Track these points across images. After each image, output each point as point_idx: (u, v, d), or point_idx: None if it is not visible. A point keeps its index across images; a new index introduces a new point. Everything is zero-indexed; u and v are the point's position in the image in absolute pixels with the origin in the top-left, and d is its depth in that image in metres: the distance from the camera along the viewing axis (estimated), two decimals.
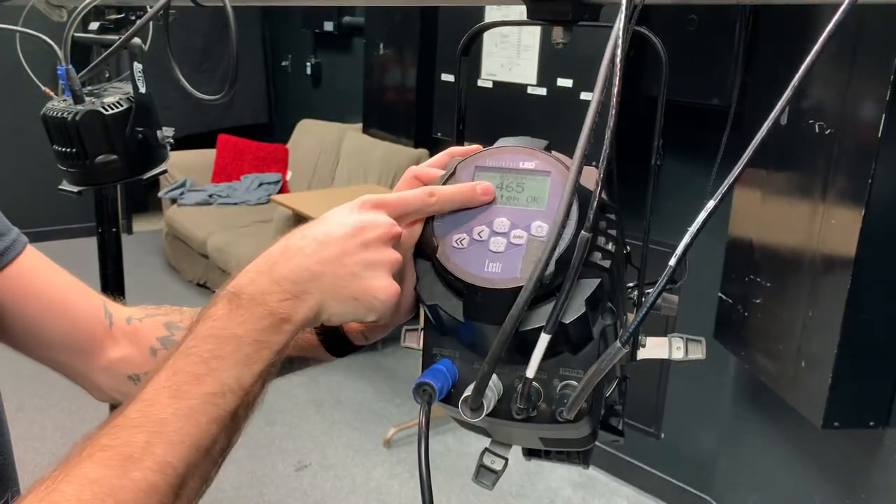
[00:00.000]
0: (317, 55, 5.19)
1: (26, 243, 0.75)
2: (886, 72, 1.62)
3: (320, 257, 0.55)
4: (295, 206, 3.65)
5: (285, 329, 0.54)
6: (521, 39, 2.83)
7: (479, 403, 0.54)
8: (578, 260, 0.49)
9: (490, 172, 0.59)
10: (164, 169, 1.14)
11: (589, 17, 0.67)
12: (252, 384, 0.53)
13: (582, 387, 0.51)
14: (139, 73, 1.05)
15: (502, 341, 0.50)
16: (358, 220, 0.56)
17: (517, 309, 0.49)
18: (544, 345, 0.49)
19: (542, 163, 0.58)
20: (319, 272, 0.54)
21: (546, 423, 0.55)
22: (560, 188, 0.56)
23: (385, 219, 0.57)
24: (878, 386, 1.87)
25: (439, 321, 0.58)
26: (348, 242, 0.55)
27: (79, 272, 0.81)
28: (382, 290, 0.56)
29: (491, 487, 0.72)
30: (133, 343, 0.81)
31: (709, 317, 2.29)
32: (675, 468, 2.77)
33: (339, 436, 3.18)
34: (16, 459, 0.83)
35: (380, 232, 0.56)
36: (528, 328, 0.52)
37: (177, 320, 0.82)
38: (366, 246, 0.55)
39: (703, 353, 0.68)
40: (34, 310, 0.75)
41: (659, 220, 0.98)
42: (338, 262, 0.55)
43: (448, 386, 0.56)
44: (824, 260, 1.83)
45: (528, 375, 0.51)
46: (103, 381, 0.80)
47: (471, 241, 0.56)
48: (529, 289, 0.49)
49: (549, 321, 0.50)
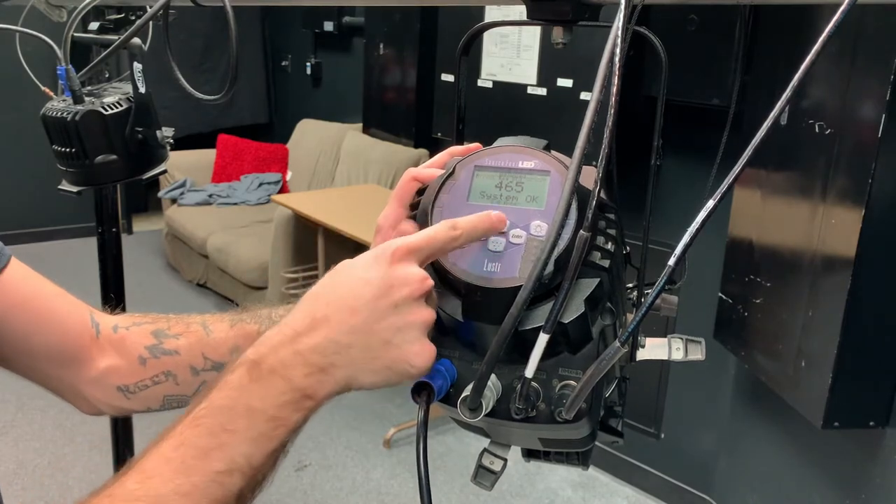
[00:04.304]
0: (317, 55, 5.19)
1: (10, 256, 0.74)
2: (886, 72, 1.62)
3: (349, 326, 0.50)
4: (295, 206, 3.65)
5: (306, 406, 0.50)
6: (521, 39, 2.83)
7: (477, 403, 0.53)
8: (578, 259, 0.49)
9: (489, 172, 0.59)
10: (163, 169, 1.14)
11: (589, 17, 0.68)
12: (263, 464, 0.49)
13: (581, 387, 0.51)
14: (139, 73, 1.05)
15: (501, 341, 0.49)
16: (387, 277, 0.50)
17: (516, 308, 0.49)
18: (543, 344, 0.49)
19: (541, 162, 0.57)
20: (348, 343, 0.50)
21: (545, 424, 0.55)
22: (559, 188, 0.55)
23: (416, 272, 0.52)
24: (878, 386, 1.87)
25: (438, 321, 0.57)
26: (378, 305, 0.50)
27: (79, 272, 0.81)
28: (417, 356, 0.52)
29: (490, 488, 0.72)
30: (120, 353, 0.79)
31: (709, 317, 2.29)
32: (675, 468, 2.77)
33: (339, 436, 3.18)
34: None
35: (411, 289, 0.51)
36: (527, 327, 0.52)
37: (164, 328, 0.81)
38: (397, 307, 0.50)
39: (702, 354, 0.68)
40: (22, 321, 0.74)
41: (659, 220, 0.98)
42: (368, 331, 0.50)
43: (447, 386, 0.56)
44: (824, 260, 1.83)
45: (527, 375, 0.51)
46: (92, 393, 0.79)
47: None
48: (529, 288, 0.49)
49: (548, 321, 0.49)
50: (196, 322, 0.81)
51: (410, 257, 0.52)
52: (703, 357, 0.69)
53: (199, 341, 0.79)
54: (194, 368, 0.79)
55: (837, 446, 2.10)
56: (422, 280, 0.52)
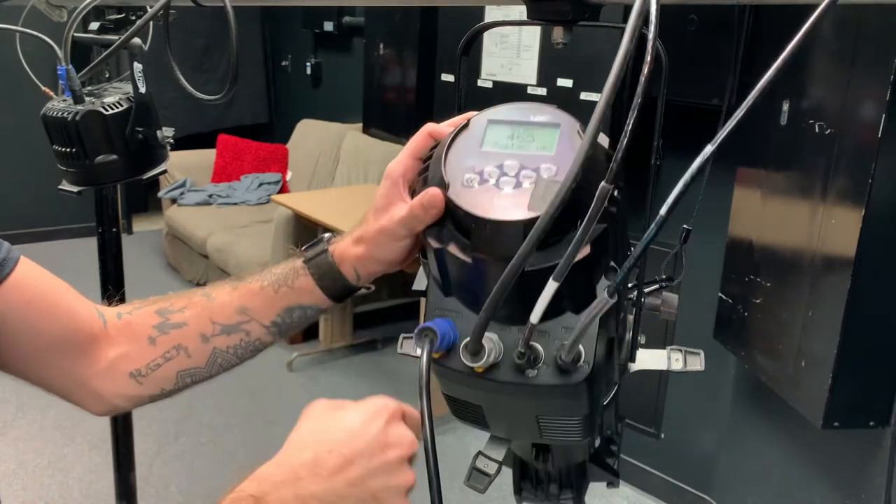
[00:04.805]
0: (317, 55, 5.19)
1: (20, 255, 0.75)
2: (886, 72, 1.62)
3: (345, 480, 0.56)
4: (295, 206, 3.65)
5: None
6: (521, 39, 2.83)
7: (479, 346, 0.54)
8: (597, 210, 0.48)
9: (502, 125, 0.61)
10: (164, 169, 1.14)
11: (589, 17, 0.68)
12: None
13: (578, 330, 0.52)
14: (139, 73, 1.05)
15: (511, 273, 0.49)
16: (382, 436, 0.58)
17: (537, 231, 0.48)
18: (552, 291, 0.49)
19: (552, 117, 0.59)
20: (345, 495, 0.56)
21: (545, 383, 0.56)
22: (569, 138, 0.57)
23: (408, 436, 0.59)
24: (878, 386, 1.87)
25: (444, 271, 0.58)
26: (372, 462, 0.57)
27: (79, 272, 0.81)
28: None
29: (483, 491, 0.72)
30: (129, 337, 0.80)
31: (709, 317, 2.29)
32: (675, 468, 2.77)
33: None
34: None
35: (401, 452, 0.58)
36: (535, 267, 0.52)
37: (167, 306, 0.81)
38: (387, 467, 0.57)
39: (701, 366, 0.69)
40: (36, 315, 0.75)
41: None
42: (362, 485, 0.56)
43: (449, 339, 0.57)
44: (824, 260, 1.83)
45: (533, 321, 0.51)
46: (102, 386, 0.80)
47: (481, 181, 0.57)
48: (552, 213, 0.48)
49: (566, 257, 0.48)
50: (197, 293, 0.82)
51: (403, 419, 0.59)
52: (703, 368, 0.69)
53: (205, 308, 0.80)
54: (204, 336, 0.80)
55: (837, 446, 2.10)
56: (411, 444, 0.59)
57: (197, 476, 2.85)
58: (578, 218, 0.52)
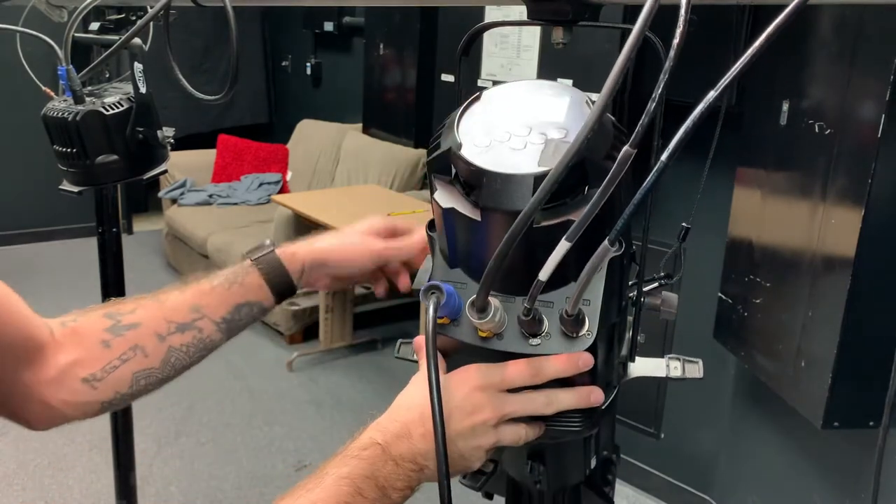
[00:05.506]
0: (317, 55, 5.19)
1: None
2: (886, 72, 1.62)
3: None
4: (295, 206, 3.65)
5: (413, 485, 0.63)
6: (521, 39, 2.83)
7: (486, 302, 0.56)
8: (618, 173, 0.49)
9: (513, 94, 0.62)
10: (164, 169, 1.14)
11: (589, 17, 0.68)
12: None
13: (581, 281, 0.53)
14: (139, 74, 1.05)
15: (522, 223, 0.50)
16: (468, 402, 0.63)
17: (550, 180, 0.49)
18: (564, 251, 0.50)
19: (562, 87, 0.62)
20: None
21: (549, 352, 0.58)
22: (578, 106, 0.59)
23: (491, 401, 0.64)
24: (878, 386, 1.87)
25: (451, 234, 0.59)
26: (463, 424, 0.63)
27: (79, 272, 0.81)
28: (477, 465, 0.66)
29: (479, 489, 0.72)
30: (78, 344, 0.80)
31: (709, 317, 2.29)
32: (675, 468, 2.77)
33: (339, 436, 3.18)
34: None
35: (485, 416, 0.63)
36: (542, 224, 0.54)
37: (114, 310, 0.82)
38: (473, 430, 0.63)
39: (700, 373, 0.70)
40: None
41: (659, 220, 0.98)
42: (452, 445, 0.62)
43: (454, 304, 0.59)
44: (824, 260, 1.83)
45: (542, 279, 0.52)
46: (52, 394, 0.78)
47: (491, 141, 0.58)
48: (566, 162, 0.49)
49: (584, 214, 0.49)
50: (144, 297, 0.84)
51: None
52: (701, 375, 0.70)
53: (158, 309, 0.83)
54: (160, 335, 0.81)
55: (837, 446, 2.10)
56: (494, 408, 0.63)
57: (197, 476, 2.85)
58: (584, 181, 0.55)
